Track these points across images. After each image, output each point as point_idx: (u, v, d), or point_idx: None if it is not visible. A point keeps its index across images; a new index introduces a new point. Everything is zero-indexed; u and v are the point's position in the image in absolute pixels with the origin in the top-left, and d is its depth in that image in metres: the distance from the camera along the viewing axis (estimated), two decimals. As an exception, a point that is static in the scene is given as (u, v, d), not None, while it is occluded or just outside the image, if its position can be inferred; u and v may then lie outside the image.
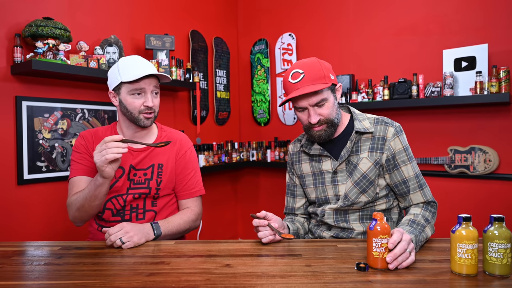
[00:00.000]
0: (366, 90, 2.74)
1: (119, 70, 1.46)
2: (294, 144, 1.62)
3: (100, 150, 1.26)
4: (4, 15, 2.10)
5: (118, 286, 0.97)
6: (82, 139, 1.56)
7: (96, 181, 1.33)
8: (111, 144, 1.26)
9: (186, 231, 1.53)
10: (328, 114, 1.37)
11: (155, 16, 2.93)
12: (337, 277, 1.00)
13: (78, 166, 1.51)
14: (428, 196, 1.39)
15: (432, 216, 1.35)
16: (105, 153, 1.25)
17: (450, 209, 2.49)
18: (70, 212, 1.46)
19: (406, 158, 1.40)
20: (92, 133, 1.58)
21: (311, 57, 1.42)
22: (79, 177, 1.49)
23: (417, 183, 1.39)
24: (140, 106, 1.46)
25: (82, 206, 1.39)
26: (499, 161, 2.36)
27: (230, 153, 3.33)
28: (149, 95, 1.47)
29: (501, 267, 0.96)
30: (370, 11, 2.90)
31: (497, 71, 2.24)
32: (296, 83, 1.35)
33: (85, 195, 1.37)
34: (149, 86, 1.47)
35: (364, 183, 1.40)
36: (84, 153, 1.53)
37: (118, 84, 1.46)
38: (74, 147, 1.55)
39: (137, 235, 1.30)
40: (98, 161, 1.26)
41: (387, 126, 1.42)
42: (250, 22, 3.67)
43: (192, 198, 1.60)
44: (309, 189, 1.52)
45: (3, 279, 1.03)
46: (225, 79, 3.57)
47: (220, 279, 1.00)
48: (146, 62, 1.50)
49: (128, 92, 1.45)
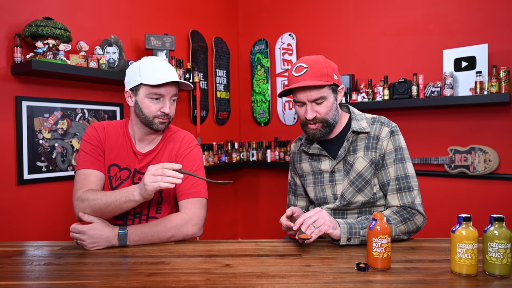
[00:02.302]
0: (366, 90, 2.74)
1: (140, 71, 1.39)
2: (296, 143, 1.63)
3: (155, 173, 1.19)
4: (4, 15, 2.10)
5: (118, 286, 0.97)
6: (95, 130, 1.48)
7: (130, 195, 1.27)
8: (169, 172, 1.19)
9: (171, 238, 1.34)
10: (324, 113, 1.37)
11: (155, 16, 2.93)
12: (337, 277, 1.00)
13: (89, 158, 1.43)
14: (406, 200, 1.34)
15: (401, 221, 1.29)
16: (160, 179, 1.18)
17: (450, 209, 2.49)
18: (79, 206, 1.33)
19: (394, 158, 1.38)
20: (104, 126, 1.50)
21: (319, 55, 1.42)
22: (89, 171, 1.41)
23: (396, 185, 1.36)
24: (157, 111, 1.40)
25: (100, 210, 1.30)
26: (499, 161, 2.36)
27: (230, 153, 3.33)
28: (167, 101, 1.41)
29: (501, 267, 0.96)
30: (370, 11, 2.90)
31: (497, 71, 2.24)
32: (298, 77, 1.36)
33: (108, 201, 1.29)
34: (169, 93, 1.40)
35: (360, 182, 1.40)
36: (96, 146, 1.45)
37: (137, 84, 1.40)
38: (86, 137, 1.47)
39: (92, 244, 1.26)
40: (150, 185, 1.19)
41: (383, 125, 1.42)
42: (250, 22, 3.67)
43: (188, 200, 1.41)
44: (309, 188, 1.53)
45: (3, 279, 1.03)
46: (225, 79, 3.57)
47: (220, 279, 1.00)
48: (169, 67, 1.42)
49: (146, 94, 1.39)
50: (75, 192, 1.38)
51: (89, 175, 1.41)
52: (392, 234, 1.28)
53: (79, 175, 1.42)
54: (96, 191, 1.34)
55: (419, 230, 1.36)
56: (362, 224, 1.26)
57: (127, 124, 1.52)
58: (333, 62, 1.43)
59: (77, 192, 1.36)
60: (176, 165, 1.22)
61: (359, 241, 1.25)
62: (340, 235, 1.23)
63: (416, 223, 1.33)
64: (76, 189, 1.38)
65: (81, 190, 1.36)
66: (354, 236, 1.24)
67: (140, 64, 1.41)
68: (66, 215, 2.34)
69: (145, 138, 1.48)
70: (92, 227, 1.27)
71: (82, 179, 1.40)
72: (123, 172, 1.45)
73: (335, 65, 1.43)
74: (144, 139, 1.49)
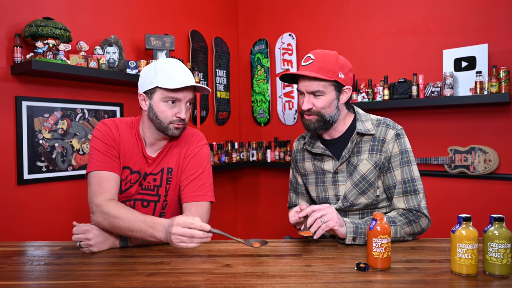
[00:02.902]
0: (366, 90, 2.74)
1: (156, 73, 1.32)
2: (299, 141, 1.62)
3: (183, 232, 1.11)
4: (4, 15, 2.10)
5: (118, 286, 0.97)
6: (109, 128, 1.39)
7: (156, 234, 1.18)
8: (199, 233, 1.11)
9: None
10: (320, 108, 1.37)
11: (155, 16, 2.93)
12: (337, 277, 1.00)
13: (105, 159, 1.34)
14: (412, 204, 1.35)
15: (407, 223, 1.31)
16: (188, 241, 1.11)
17: (450, 209, 2.49)
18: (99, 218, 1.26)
19: (400, 162, 1.38)
20: (117, 124, 1.41)
21: (333, 51, 1.42)
22: (107, 173, 1.33)
23: (402, 189, 1.36)
24: (172, 116, 1.33)
25: (120, 231, 1.24)
26: (499, 161, 2.36)
27: (230, 153, 3.33)
28: (183, 106, 1.34)
29: (501, 267, 0.96)
30: (370, 11, 2.90)
31: (497, 71, 2.24)
32: (303, 66, 1.38)
33: (132, 228, 1.21)
34: (186, 97, 1.34)
35: (364, 184, 1.40)
36: (112, 146, 1.37)
37: (153, 88, 1.33)
38: (99, 135, 1.37)
39: (97, 244, 1.24)
40: (176, 244, 1.12)
41: (388, 128, 1.41)
42: (250, 22, 3.67)
43: (192, 204, 1.37)
44: (311, 188, 1.53)
45: (3, 279, 1.03)
46: (225, 79, 3.57)
47: (220, 279, 1.00)
48: (186, 70, 1.36)
49: (162, 98, 1.32)
50: (93, 196, 1.29)
51: (108, 178, 1.32)
52: (398, 236, 1.29)
53: (96, 177, 1.32)
54: (119, 206, 1.25)
55: (424, 232, 1.37)
56: (368, 224, 1.26)
57: (138, 125, 1.44)
58: (348, 61, 1.42)
59: (97, 198, 1.28)
60: (208, 226, 1.13)
61: (364, 241, 1.26)
62: (346, 234, 1.24)
63: (421, 225, 1.34)
64: (95, 194, 1.29)
65: (102, 197, 1.28)
66: (360, 236, 1.25)
67: (156, 66, 1.34)
68: (66, 215, 2.34)
69: (156, 143, 1.42)
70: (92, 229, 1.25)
71: (100, 182, 1.31)
72: (133, 176, 1.40)
73: (348, 64, 1.41)
74: (155, 144, 1.42)
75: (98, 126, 1.40)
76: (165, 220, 1.19)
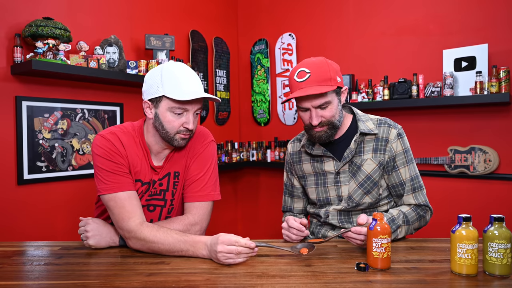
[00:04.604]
0: (366, 90, 2.74)
1: (163, 81, 1.24)
2: (294, 144, 1.59)
3: (230, 250, 1.10)
4: (4, 15, 2.10)
5: (118, 286, 0.97)
6: (112, 144, 1.29)
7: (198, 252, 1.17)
8: (245, 250, 1.12)
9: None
10: (330, 117, 1.36)
11: (155, 16, 2.93)
12: (337, 277, 1.00)
13: (119, 179, 1.27)
14: (420, 200, 1.41)
15: (417, 218, 1.39)
16: (236, 257, 1.11)
17: (450, 209, 2.49)
18: (133, 243, 1.23)
19: (405, 160, 1.41)
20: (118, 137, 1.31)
21: (319, 57, 1.39)
22: (128, 193, 1.27)
23: (411, 186, 1.41)
24: (180, 126, 1.27)
25: (160, 252, 1.21)
26: (499, 161, 2.36)
27: (230, 153, 3.33)
28: (191, 115, 1.28)
29: (501, 267, 0.96)
30: (370, 11, 2.90)
31: (497, 71, 2.24)
32: (300, 83, 1.32)
33: (172, 249, 1.19)
34: (194, 107, 1.28)
35: (369, 184, 1.40)
36: (120, 163, 1.28)
37: (159, 96, 1.26)
38: (103, 154, 1.27)
39: (95, 237, 1.26)
40: (224, 261, 1.11)
41: (390, 127, 1.42)
42: (250, 22, 3.67)
43: (194, 204, 1.35)
44: (310, 190, 1.51)
45: (3, 279, 1.03)
46: (225, 79, 3.57)
47: (220, 279, 1.00)
48: (195, 78, 1.29)
49: (168, 108, 1.25)
50: (121, 222, 1.23)
51: (129, 199, 1.26)
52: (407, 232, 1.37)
53: (115, 200, 1.25)
54: (154, 230, 1.21)
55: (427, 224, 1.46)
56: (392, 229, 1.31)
57: (142, 132, 1.36)
58: (334, 62, 1.41)
59: (127, 224, 1.23)
60: (250, 242, 1.13)
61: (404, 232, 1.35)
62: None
63: (426, 219, 1.43)
64: (122, 219, 1.23)
65: (132, 222, 1.23)
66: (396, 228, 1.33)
67: (162, 73, 1.26)
68: (66, 215, 2.34)
69: (162, 152, 1.38)
70: (92, 222, 1.30)
71: (122, 205, 1.25)
72: (144, 187, 1.36)
73: (337, 65, 1.40)
74: (160, 153, 1.38)
75: (98, 142, 1.30)
76: (205, 238, 1.18)
